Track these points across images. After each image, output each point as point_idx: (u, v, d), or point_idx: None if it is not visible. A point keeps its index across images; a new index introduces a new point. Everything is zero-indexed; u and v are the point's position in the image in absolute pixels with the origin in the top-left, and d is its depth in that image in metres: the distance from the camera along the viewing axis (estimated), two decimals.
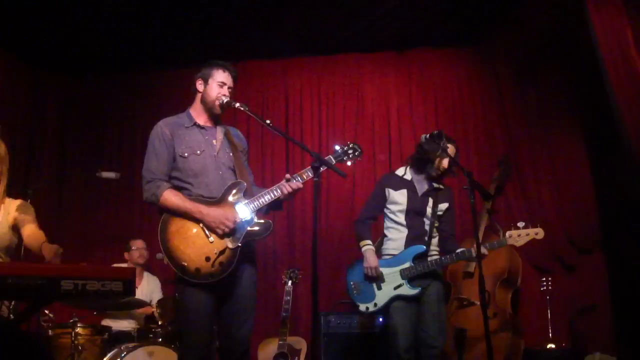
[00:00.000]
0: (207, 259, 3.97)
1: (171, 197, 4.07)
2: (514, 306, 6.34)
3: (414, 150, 5.44)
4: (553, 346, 6.09)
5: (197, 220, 4.03)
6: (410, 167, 5.40)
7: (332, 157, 4.35)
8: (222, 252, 4.00)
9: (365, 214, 5.49)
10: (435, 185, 5.31)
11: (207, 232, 4.02)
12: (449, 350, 5.87)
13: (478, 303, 5.54)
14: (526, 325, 6.35)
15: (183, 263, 3.95)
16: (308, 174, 4.20)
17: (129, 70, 8.40)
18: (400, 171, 5.45)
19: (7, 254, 3.97)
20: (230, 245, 4.01)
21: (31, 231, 3.96)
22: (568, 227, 6.85)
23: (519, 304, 6.58)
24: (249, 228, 4.08)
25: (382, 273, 5.21)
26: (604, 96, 5.56)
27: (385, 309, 5.20)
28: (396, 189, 5.32)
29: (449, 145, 5.14)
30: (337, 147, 4.43)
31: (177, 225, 4.03)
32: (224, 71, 4.36)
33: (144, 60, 8.21)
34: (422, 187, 5.31)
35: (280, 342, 6.09)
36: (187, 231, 4.02)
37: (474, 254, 4.94)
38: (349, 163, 4.41)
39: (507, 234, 5.06)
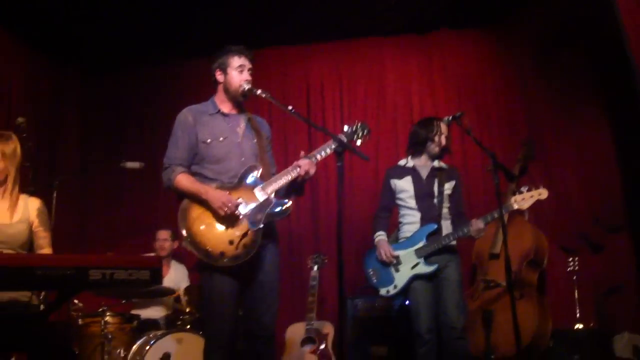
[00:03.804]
0: (231, 242, 4.00)
1: (182, 180, 4.15)
2: (540, 287, 6.30)
3: (408, 140, 5.59)
4: (581, 326, 6.06)
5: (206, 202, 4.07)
6: (410, 156, 5.53)
7: (341, 137, 4.32)
8: (244, 235, 4.02)
9: (380, 209, 5.60)
10: (437, 165, 5.41)
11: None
12: (476, 332, 5.86)
13: (504, 284, 5.54)
14: (553, 306, 6.30)
15: (207, 248, 3.99)
16: (326, 150, 4.25)
17: (149, 62, 8.44)
18: (402, 162, 5.58)
19: (24, 249, 4.03)
20: (252, 227, 4.04)
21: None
22: (594, 207, 6.80)
23: (545, 285, 6.54)
24: (268, 209, 4.10)
25: (398, 256, 5.28)
26: (628, 75, 5.50)
27: (406, 291, 5.25)
28: (400, 177, 5.45)
29: (441, 123, 5.35)
30: (346, 128, 4.45)
31: (198, 211, 4.07)
32: (239, 56, 4.37)
33: (164, 52, 8.24)
34: (425, 170, 5.42)
35: (308, 327, 6.13)
36: (209, 217, 4.06)
37: (472, 230, 5.07)
38: (358, 142, 4.42)
39: (512, 199, 5.07)
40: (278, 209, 4.14)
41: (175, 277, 6.90)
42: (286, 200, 4.16)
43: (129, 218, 8.29)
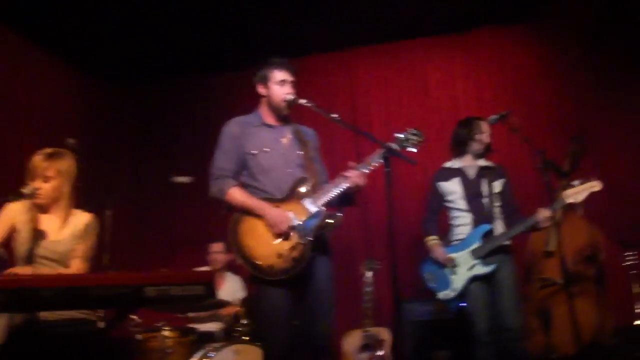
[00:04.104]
0: (279, 255, 4.02)
1: (236, 194, 4.19)
2: (599, 283, 6.19)
3: (450, 143, 5.60)
4: None
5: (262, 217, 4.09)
6: (454, 158, 5.53)
7: (392, 145, 4.30)
8: (293, 248, 4.03)
9: (428, 212, 5.61)
10: (484, 164, 5.40)
11: None
12: (534, 332, 5.78)
13: (561, 282, 5.46)
14: (612, 302, 6.19)
15: (256, 261, 4.02)
16: (374, 160, 4.22)
17: (195, 75, 8.53)
18: (448, 164, 5.58)
19: None
20: (301, 240, 4.04)
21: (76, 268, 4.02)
22: None
23: (603, 281, 6.42)
24: (318, 222, 4.10)
25: (453, 258, 5.26)
26: None
27: (463, 293, 5.22)
28: (447, 179, 5.45)
29: (481, 122, 5.40)
30: (398, 135, 4.41)
31: (248, 225, 4.11)
32: (279, 69, 4.38)
33: (210, 64, 8.32)
34: (472, 170, 5.41)
35: (364, 334, 6.11)
36: (258, 229, 4.08)
37: (539, 218, 5.02)
38: (410, 150, 4.38)
39: (564, 193, 5.02)
40: (328, 222, 4.13)
41: (231, 289, 6.94)
42: (337, 213, 4.16)
43: (182, 231, 8.36)
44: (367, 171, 4.22)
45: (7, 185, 6.26)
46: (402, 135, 4.41)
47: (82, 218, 4.08)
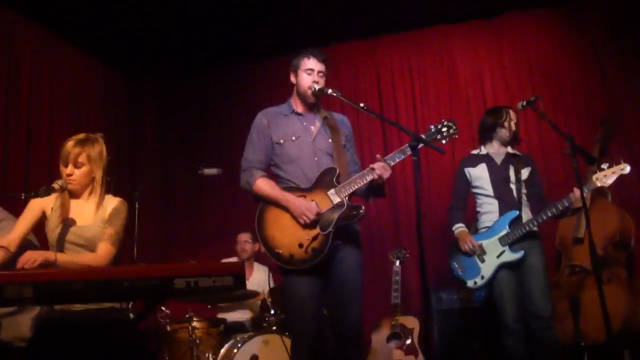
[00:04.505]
0: (300, 245, 4.06)
1: (263, 185, 4.22)
2: (629, 269, 6.13)
3: (478, 130, 5.63)
4: None
5: (287, 209, 4.13)
6: (482, 145, 5.52)
7: (425, 137, 4.27)
8: (314, 238, 4.07)
9: (454, 200, 5.57)
10: (511, 152, 5.39)
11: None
12: (564, 319, 5.74)
13: (591, 269, 5.41)
14: None
15: (277, 250, 4.08)
16: (400, 155, 4.21)
17: (220, 66, 8.56)
18: (475, 151, 5.59)
19: None
20: (322, 231, 4.07)
21: (101, 250, 3.96)
22: None
23: (633, 267, 6.36)
24: (340, 214, 4.12)
25: (481, 245, 5.25)
26: None
27: (492, 281, 5.20)
28: (474, 165, 5.44)
29: (510, 110, 5.42)
30: (432, 127, 4.39)
31: (273, 215, 4.16)
32: (309, 57, 4.40)
33: (235, 55, 8.33)
34: (499, 157, 5.40)
35: (393, 323, 6.11)
36: (282, 219, 4.13)
37: (568, 202, 5.03)
38: (444, 142, 4.34)
39: (593, 177, 4.99)
40: (350, 214, 4.14)
41: (259, 279, 6.98)
42: (359, 206, 4.17)
43: (210, 222, 8.44)
44: (392, 163, 4.20)
45: (36, 179, 6.40)
46: (435, 127, 4.38)
47: (111, 202, 4.09)
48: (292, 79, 4.48)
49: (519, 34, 7.70)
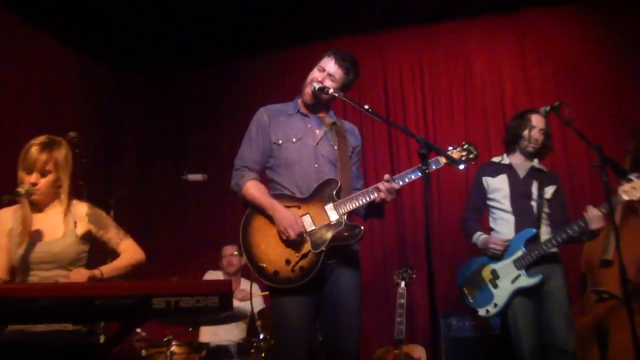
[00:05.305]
0: (288, 261, 4.01)
1: (252, 188, 4.19)
2: None
3: (503, 138, 5.58)
4: None
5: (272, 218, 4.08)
6: (506, 153, 5.48)
7: (439, 159, 4.20)
8: (304, 256, 4.02)
9: (468, 211, 5.53)
10: (537, 166, 5.33)
11: None
12: (588, 353, 5.70)
13: (620, 295, 5.38)
14: None
15: (261, 264, 4.03)
16: (410, 176, 4.15)
17: (211, 62, 8.55)
18: (496, 158, 5.53)
19: (77, 266, 3.93)
20: (313, 249, 4.02)
21: (127, 247, 4.12)
22: None
23: None
24: (337, 232, 4.07)
25: (494, 270, 5.19)
26: None
27: (507, 309, 5.13)
28: (494, 175, 5.39)
29: (533, 115, 5.30)
30: (450, 148, 4.37)
31: (260, 222, 4.12)
32: (330, 56, 4.37)
33: (227, 50, 8.31)
34: (523, 169, 5.35)
35: (397, 352, 6.06)
36: (271, 230, 4.08)
37: (587, 217, 4.91)
38: (461, 166, 4.29)
39: (620, 189, 4.90)
40: (347, 234, 4.09)
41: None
42: (358, 226, 4.11)
43: (194, 234, 8.40)
44: (402, 183, 4.14)
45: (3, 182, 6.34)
46: (454, 149, 4.35)
47: (78, 211, 4.03)
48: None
49: (543, 31, 7.69)
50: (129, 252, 4.05)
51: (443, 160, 4.17)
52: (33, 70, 7.32)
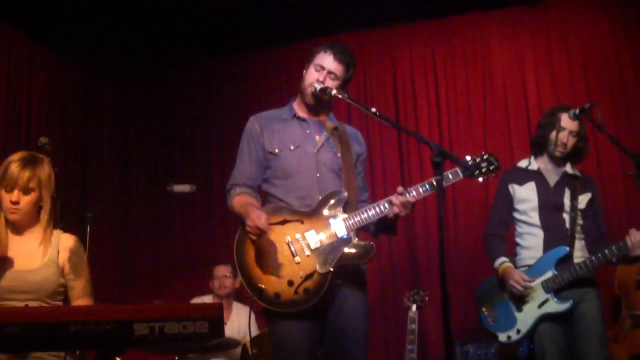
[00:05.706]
0: (290, 283, 3.97)
1: (235, 203, 4.19)
2: None
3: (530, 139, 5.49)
4: None
5: (280, 234, 4.03)
6: (534, 156, 5.38)
7: (458, 170, 4.15)
8: (309, 277, 3.98)
9: (493, 224, 5.43)
10: (570, 172, 5.24)
11: (293, 250, 4.01)
12: None
13: None
14: None
15: (260, 285, 3.98)
16: (426, 187, 4.12)
17: (202, 57, 8.55)
18: (523, 163, 5.42)
19: (56, 300, 3.94)
20: (319, 269, 3.98)
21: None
22: None
23: None
24: (345, 250, 4.05)
25: (532, 282, 5.06)
26: None
27: (531, 335, 5.08)
28: (521, 183, 5.30)
29: (562, 114, 5.12)
30: (468, 158, 4.33)
31: (258, 239, 4.01)
32: (326, 51, 4.33)
33: (219, 43, 8.30)
34: (553, 176, 5.26)
35: None
36: (270, 247, 4.03)
37: (630, 243, 4.80)
38: (480, 179, 4.27)
39: None
40: (357, 252, 4.07)
41: (239, 322, 6.92)
42: (370, 244, 4.09)
43: (180, 252, 8.38)
44: (417, 197, 4.12)
45: None
46: (473, 160, 4.30)
47: (63, 242, 4.00)
48: (304, 73, 4.41)
49: (570, 24, 7.68)
50: None
51: (460, 172, 4.12)
52: None
